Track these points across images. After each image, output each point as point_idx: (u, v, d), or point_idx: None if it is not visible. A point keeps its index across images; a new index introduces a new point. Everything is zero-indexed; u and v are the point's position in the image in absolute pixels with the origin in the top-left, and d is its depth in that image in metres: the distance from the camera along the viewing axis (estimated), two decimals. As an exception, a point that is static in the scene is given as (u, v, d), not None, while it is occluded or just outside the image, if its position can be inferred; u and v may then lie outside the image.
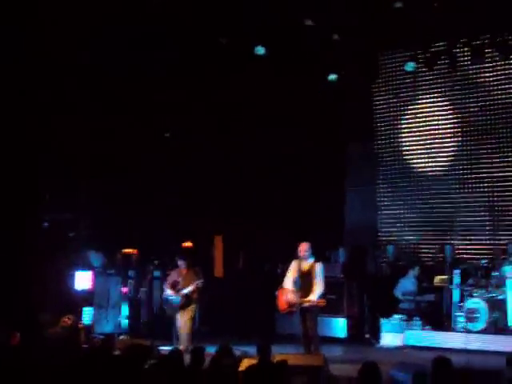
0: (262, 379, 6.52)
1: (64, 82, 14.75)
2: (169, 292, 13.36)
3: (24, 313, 13.00)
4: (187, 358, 8.00)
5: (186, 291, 13.20)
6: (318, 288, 11.75)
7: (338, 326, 14.84)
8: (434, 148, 16.58)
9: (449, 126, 16.37)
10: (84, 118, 15.40)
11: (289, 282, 11.98)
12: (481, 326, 13.42)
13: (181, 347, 11.60)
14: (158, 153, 16.62)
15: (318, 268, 11.85)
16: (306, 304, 11.66)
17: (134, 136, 16.06)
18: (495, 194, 15.75)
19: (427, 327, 14.21)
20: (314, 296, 11.69)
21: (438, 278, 14.93)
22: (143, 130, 16.13)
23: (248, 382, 6.52)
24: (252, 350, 10.91)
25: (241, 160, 17.03)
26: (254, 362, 8.20)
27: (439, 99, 16.52)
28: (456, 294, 14.07)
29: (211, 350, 8.52)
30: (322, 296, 11.80)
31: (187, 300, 13.22)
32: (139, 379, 6.56)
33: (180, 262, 13.48)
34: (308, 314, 11.75)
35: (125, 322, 14.98)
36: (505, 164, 15.65)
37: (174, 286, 13.35)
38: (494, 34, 14.51)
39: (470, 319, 13.40)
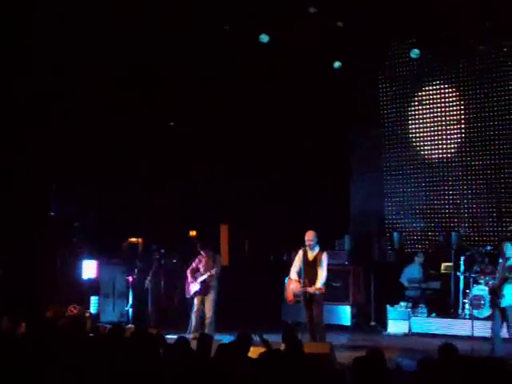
0: (289, 367, 6.39)
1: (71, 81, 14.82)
2: (189, 278, 13.66)
3: (31, 302, 13.03)
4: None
5: (200, 279, 13.49)
6: (322, 277, 11.86)
7: (344, 314, 14.86)
8: (439, 135, 16.53)
9: (454, 112, 16.31)
10: (89, 110, 15.43)
11: (294, 271, 12.10)
12: (486, 312, 13.40)
13: None
14: (163, 142, 16.61)
15: (324, 258, 11.99)
16: (311, 290, 11.75)
17: (140, 126, 16.06)
18: (501, 180, 15.71)
19: (433, 314, 14.24)
20: (317, 284, 11.79)
21: (444, 266, 14.95)
22: (147, 120, 16.12)
23: (269, 369, 6.32)
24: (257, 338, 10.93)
25: (246, 148, 17.00)
26: (260, 350, 8.17)
27: (444, 86, 16.46)
28: (461, 281, 14.09)
29: (218, 338, 8.50)
30: (324, 284, 11.87)
31: (205, 287, 13.45)
32: (145, 367, 6.56)
33: (202, 250, 13.73)
34: (313, 302, 11.84)
35: (131, 311, 14.99)
36: (510, 151, 15.58)
37: (195, 272, 13.67)
38: (498, 19, 14.42)
39: (475, 306, 13.40)
